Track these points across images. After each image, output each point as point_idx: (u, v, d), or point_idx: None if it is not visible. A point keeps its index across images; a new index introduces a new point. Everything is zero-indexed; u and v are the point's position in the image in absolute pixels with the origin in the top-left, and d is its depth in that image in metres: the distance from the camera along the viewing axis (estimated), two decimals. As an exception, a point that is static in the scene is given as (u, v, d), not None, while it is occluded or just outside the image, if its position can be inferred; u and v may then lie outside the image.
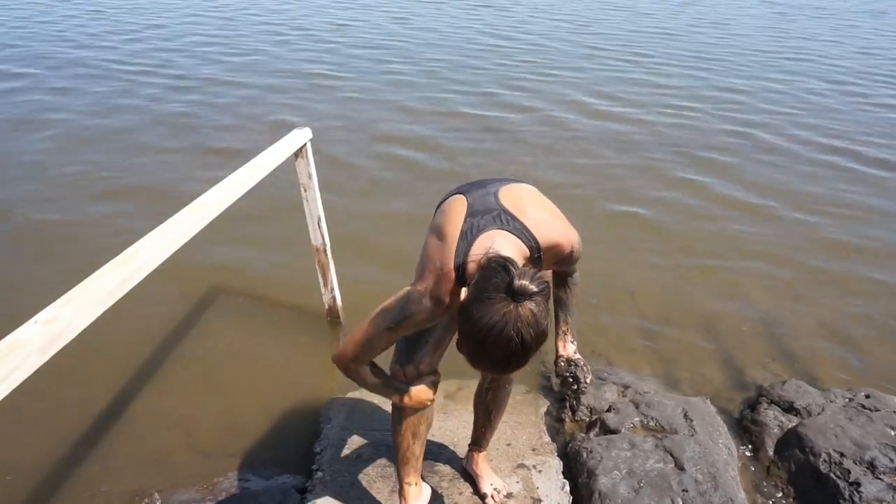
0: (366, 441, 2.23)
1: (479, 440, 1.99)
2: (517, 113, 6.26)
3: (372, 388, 1.54)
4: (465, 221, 1.33)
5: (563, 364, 1.43)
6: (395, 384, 1.53)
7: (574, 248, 1.45)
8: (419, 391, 1.52)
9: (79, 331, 1.23)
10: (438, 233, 1.37)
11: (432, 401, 1.54)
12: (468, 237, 1.31)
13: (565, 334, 1.54)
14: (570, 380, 1.40)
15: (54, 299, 1.24)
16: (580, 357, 1.46)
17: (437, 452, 2.18)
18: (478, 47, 9.38)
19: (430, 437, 2.22)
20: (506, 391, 1.84)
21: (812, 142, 5.87)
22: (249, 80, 7.06)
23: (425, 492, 1.85)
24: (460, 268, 1.29)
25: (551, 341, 1.60)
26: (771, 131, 6.11)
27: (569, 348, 1.49)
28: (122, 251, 1.45)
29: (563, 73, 8.00)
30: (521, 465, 2.14)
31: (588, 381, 1.41)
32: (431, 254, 1.35)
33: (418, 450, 1.76)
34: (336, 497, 1.98)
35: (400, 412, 1.68)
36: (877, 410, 2.39)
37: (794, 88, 7.80)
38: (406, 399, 1.52)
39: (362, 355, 1.45)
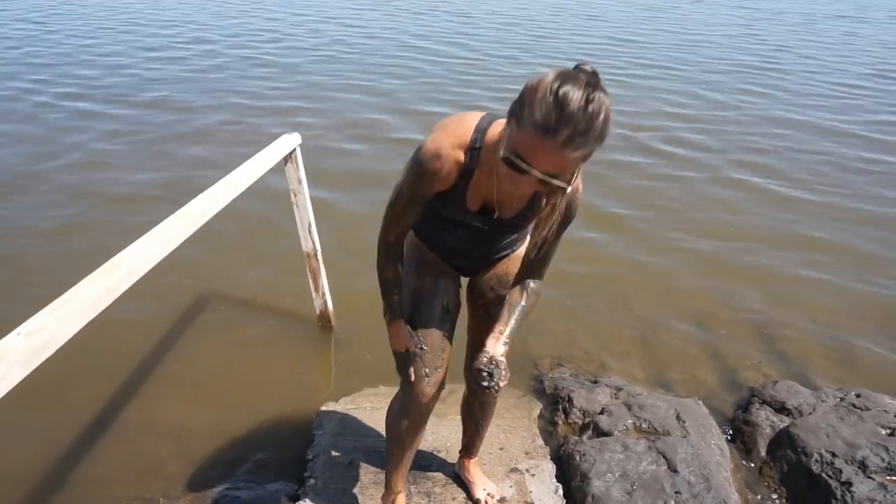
0: (358, 448, 2.22)
1: (469, 447, 1.99)
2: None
3: (381, 282, 1.53)
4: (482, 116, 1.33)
5: (485, 360, 1.38)
6: (395, 300, 1.53)
7: (578, 191, 1.36)
8: (401, 335, 1.54)
9: (63, 341, 1.22)
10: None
11: (407, 350, 1.54)
12: (487, 119, 1.29)
13: (501, 334, 1.45)
14: (485, 374, 1.37)
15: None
16: (504, 360, 1.40)
17: (429, 457, 2.17)
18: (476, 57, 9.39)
19: (423, 442, 2.21)
20: (492, 398, 1.83)
21: (814, 144, 5.91)
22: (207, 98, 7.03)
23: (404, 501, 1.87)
24: (480, 135, 1.26)
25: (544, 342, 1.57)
26: (756, 132, 6.15)
27: (497, 348, 1.41)
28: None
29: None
30: (515, 470, 2.13)
31: (501, 385, 1.38)
32: (446, 121, 1.32)
33: (411, 456, 1.76)
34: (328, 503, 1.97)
35: (396, 412, 1.67)
36: (867, 410, 2.40)
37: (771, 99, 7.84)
38: (388, 323, 1.55)
39: (388, 223, 1.45)
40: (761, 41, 11.27)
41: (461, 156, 1.27)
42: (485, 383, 1.36)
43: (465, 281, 1.69)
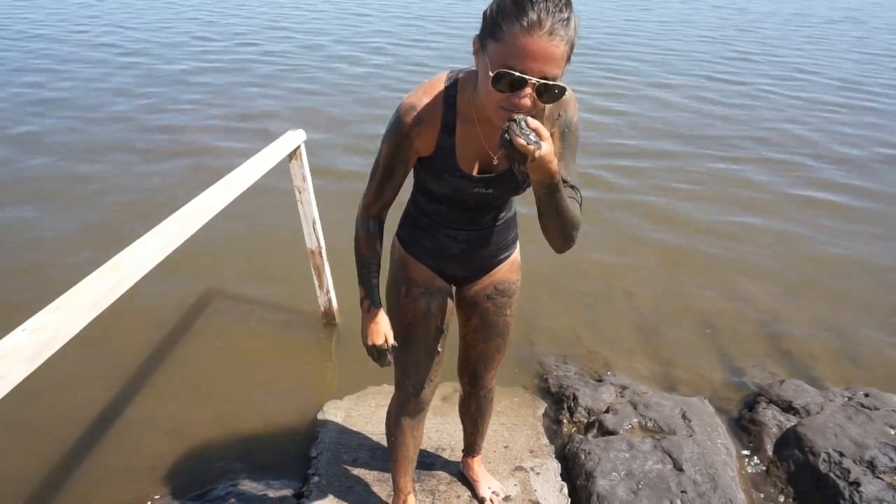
0: (363, 445, 2.21)
1: (471, 446, 1.99)
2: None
3: (358, 262, 1.44)
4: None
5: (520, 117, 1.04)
6: (375, 283, 1.44)
7: (573, 109, 1.28)
8: (380, 324, 1.43)
9: (67, 339, 1.22)
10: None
11: (376, 345, 1.45)
12: (455, 71, 1.27)
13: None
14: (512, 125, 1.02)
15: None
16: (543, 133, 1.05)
17: (433, 456, 2.16)
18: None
19: (427, 440, 2.21)
20: (487, 399, 1.82)
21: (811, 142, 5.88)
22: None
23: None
24: (452, 83, 1.24)
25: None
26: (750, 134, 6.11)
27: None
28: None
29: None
30: (519, 468, 2.12)
31: (518, 137, 1.01)
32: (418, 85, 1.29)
33: (414, 456, 1.76)
34: (333, 502, 1.97)
35: (395, 417, 1.68)
36: (876, 409, 2.37)
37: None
38: (366, 310, 1.44)
39: (368, 196, 1.39)
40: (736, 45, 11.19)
41: (438, 105, 1.24)
42: (505, 134, 1.03)
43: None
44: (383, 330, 1.45)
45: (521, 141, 1.01)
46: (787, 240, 4.00)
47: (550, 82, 1.03)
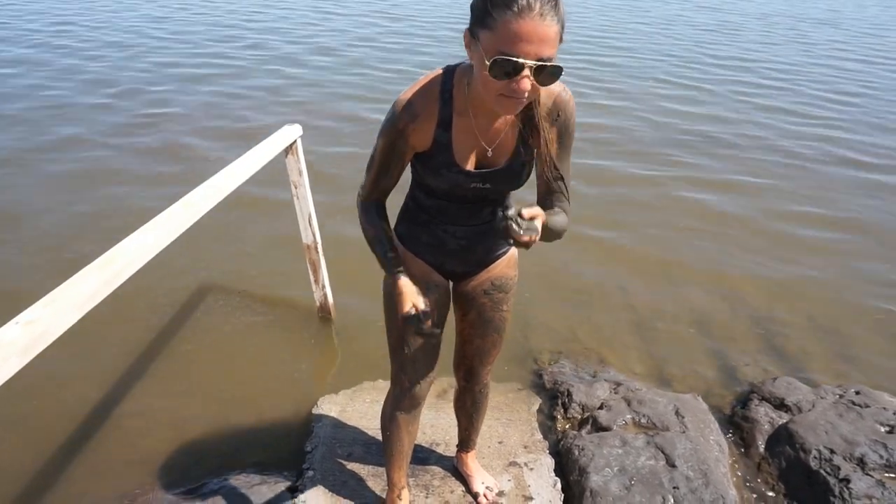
0: (357, 440, 2.22)
1: (465, 442, 2.00)
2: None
3: (368, 244, 1.41)
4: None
5: (511, 211, 1.07)
6: (391, 256, 1.38)
7: (567, 97, 1.28)
8: (408, 288, 1.34)
9: (62, 331, 1.21)
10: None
11: (414, 311, 1.33)
12: (451, 65, 1.27)
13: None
14: (506, 218, 1.06)
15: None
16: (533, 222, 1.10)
17: (427, 451, 2.17)
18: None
19: (421, 435, 2.22)
20: (483, 394, 1.83)
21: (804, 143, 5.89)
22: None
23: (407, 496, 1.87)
24: (448, 77, 1.24)
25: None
26: (740, 131, 6.12)
27: (534, 211, 1.13)
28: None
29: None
30: (513, 463, 2.13)
31: (514, 232, 1.06)
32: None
33: (409, 451, 1.77)
34: (327, 496, 1.97)
35: (391, 412, 1.68)
36: (867, 407, 2.39)
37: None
38: (393, 282, 1.37)
39: (365, 188, 1.40)
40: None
41: (434, 99, 1.24)
42: (501, 224, 1.06)
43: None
44: (411, 295, 1.34)
45: (525, 239, 1.07)
46: (781, 239, 4.02)
47: (547, 63, 1.03)
